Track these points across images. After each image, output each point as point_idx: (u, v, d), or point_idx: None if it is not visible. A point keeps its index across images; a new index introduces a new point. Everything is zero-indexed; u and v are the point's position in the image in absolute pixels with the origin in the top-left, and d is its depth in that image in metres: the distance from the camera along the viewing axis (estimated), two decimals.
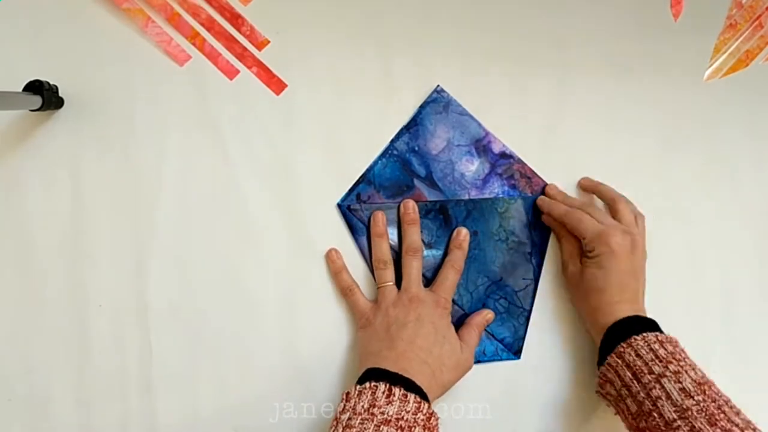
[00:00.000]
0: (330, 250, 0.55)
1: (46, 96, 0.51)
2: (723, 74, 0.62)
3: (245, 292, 0.54)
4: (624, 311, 0.50)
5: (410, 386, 0.44)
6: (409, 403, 0.42)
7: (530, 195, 0.58)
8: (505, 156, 0.58)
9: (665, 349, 0.46)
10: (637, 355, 0.46)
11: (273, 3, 0.57)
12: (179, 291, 0.54)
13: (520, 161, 0.58)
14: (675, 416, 0.43)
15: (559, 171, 0.59)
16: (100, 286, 0.53)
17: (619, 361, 0.47)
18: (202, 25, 0.57)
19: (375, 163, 0.56)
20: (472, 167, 0.57)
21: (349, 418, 0.41)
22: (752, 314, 0.59)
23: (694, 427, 0.41)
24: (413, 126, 0.57)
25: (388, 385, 0.43)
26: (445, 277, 0.53)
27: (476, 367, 0.55)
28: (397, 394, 0.42)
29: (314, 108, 0.57)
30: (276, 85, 0.57)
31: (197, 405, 0.52)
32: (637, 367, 0.46)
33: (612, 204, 0.56)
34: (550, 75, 0.60)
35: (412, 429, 0.41)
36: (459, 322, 0.54)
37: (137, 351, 0.52)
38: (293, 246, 0.55)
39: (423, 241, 0.55)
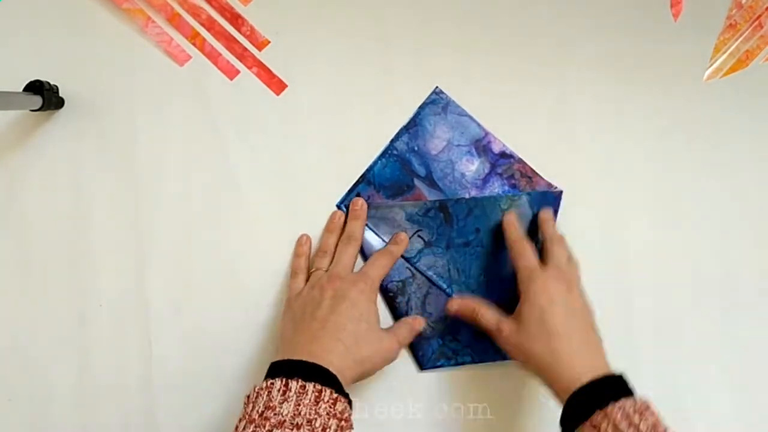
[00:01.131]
0: (302, 234, 0.55)
1: (46, 96, 0.51)
2: (723, 74, 0.62)
3: (245, 292, 0.54)
4: (586, 366, 0.45)
5: (312, 373, 0.42)
6: (307, 395, 0.40)
7: (530, 192, 0.57)
8: (506, 156, 0.58)
9: (646, 423, 0.41)
10: (616, 428, 0.41)
11: (273, 3, 0.58)
12: (179, 291, 0.54)
13: (520, 161, 0.58)
14: None
15: (559, 171, 0.59)
16: (100, 286, 0.53)
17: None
18: (203, 25, 0.57)
19: (375, 163, 0.56)
20: (472, 167, 0.57)
21: (244, 427, 0.39)
22: (752, 314, 0.59)
23: None
24: (413, 126, 0.57)
25: (284, 381, 0.41)
26: (376, 259, 0.52)
27: (476, 367, 0.55)
28: (293, 389, 0.40)
29: (314, 108, 0.57)
30: (276, 85, 0.57)
31: (197, 405, 0.52)
32: None
33: (548, 244, 0.53)
34: (550, 75, 0.60)
35: (312, 422, 0.39)
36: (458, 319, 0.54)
37: (137, 351, 0.52)
38: (293, 246, 0.55)
39: (423, 239, 0.55)
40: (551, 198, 0.58)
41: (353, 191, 0.56)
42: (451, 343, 0.55)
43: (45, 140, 0.54)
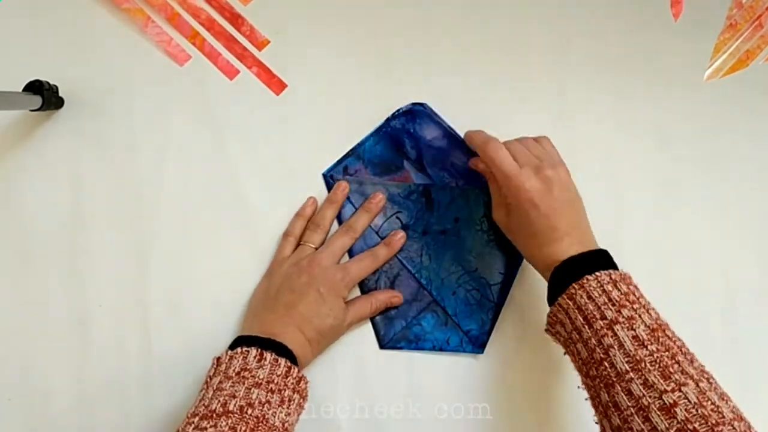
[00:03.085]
0: (310, 197, 0.55)
1: (46, 96, 0.51)
2: (723, 74, 0.62)
3: (245, 292, 0.54)
4: (570, 247, 0.47)
5: (282, 351, 0.45)
6: (279, 366, 0.44)
7: None
8: None
9: (619, 290, 0.43)
10: (589, 297, 0.43)
11: (273, 3, 0.58)
12: (179, 291, 0.54)
13: None
14: (627, 368, 0.40)
15: None
16: (100, 286, 0.53)
17: (570, 303, 0.44)
18: (202, 25, 0.57)
19: (367, 138, 0.56)
20: (464, 158, 0.57)
21: (220, 382, 0.43)
22: (752, 314, 0.59)
23: (648, 380, 0.39)
24: (412, 110, 0.57)
25: (259, 350, 0.44)
26: (361, 259, 0.53)
27: (476, 367, 0.55)
28: (268, 359, 0.43)
29: (314, 108, 0.57)
30: (276, 85, 0.57)
31: None
32: (589, 311, 0.43)
33: (512, 148, 0.51)
34: (550, 74, 0.60)
35: (282, 392, 0.43)
36: (428, 307, 0.55)
37: (137, 351, 0.52)
38: None
39: (400, 221, 0.55)
40: None
41: (341, 163, 0.56)
42: (415, 328, 0.55)
43: (45, 140, 0.54)
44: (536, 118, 0.59)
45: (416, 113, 0.57)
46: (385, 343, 0.54)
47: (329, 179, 0.56)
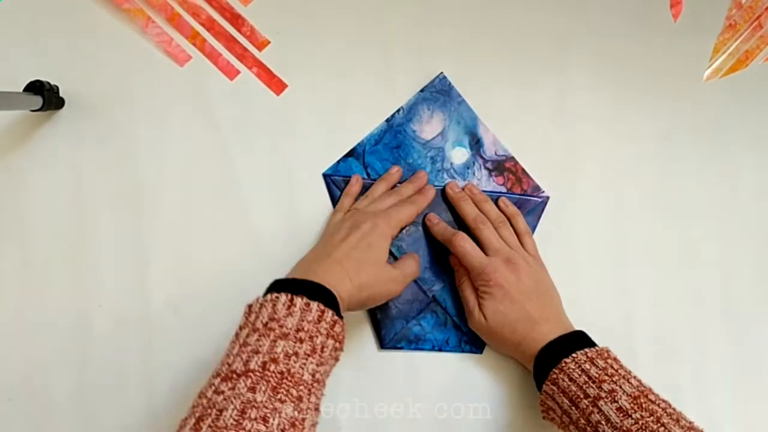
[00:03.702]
0: (355, 175, 0.56)
1: (46, 96, 0.51)
2: (723, 74, 0.62)
3: (245, 292, 0.54)
4: (546, 333, 0.49)
5: (316, 292, 0.43)
6: (311, 312, 0.41)
7: (517, 194, 0.57)
8: (498, 152, 0.58)
9: (597, 367, 0.45)
10: (570, 379, 0.45)
11: (273, 3, 0.58)
12: (179, 291, 0.54)
13: (512, 159, 0.58)
14: None
15: (558, 170, 0.59)
16: (100, 286, 0.53)
17: (555, 389, 0.46)
18: (203, 25, 0.57)
19: (366, 140, 0.56)
20: (462, 158, 0.57)
21: (247, 335, 0.40)
22: (752, 314, 0.59)
23: None
24: (410, 110, 0.57)
25: (289, 296, 0.41)
26: (402, 205, 0.52)
27: (476, 367, 0.55)
28: (298, 305, 0.41)
29: (314, 108, 0.57)
30: (276, 85, 0.57)
31: None
32: (572, 393, 0.45)
33: (474, 229, 0.54)
34: (549, 74, 0.60)
35: (314, 338, 0.40)
36: (428, 307, 0.55)
37: (137, 351, 0.52)
38: (293, 246, 0.55)
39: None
40: (536, 203, 0.58)
41: (340, 163, 0.56)
42: (415, 327, 0.55)
43: (45, 140, 0.54)
44: (536, 118, 0.59)
45: (440, 90, 0.57)
46: (385, 343, 0.54)
47: (329, 179, 0.56)
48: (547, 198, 0.58)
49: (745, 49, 0.62)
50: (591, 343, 0.48)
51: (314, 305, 0.41)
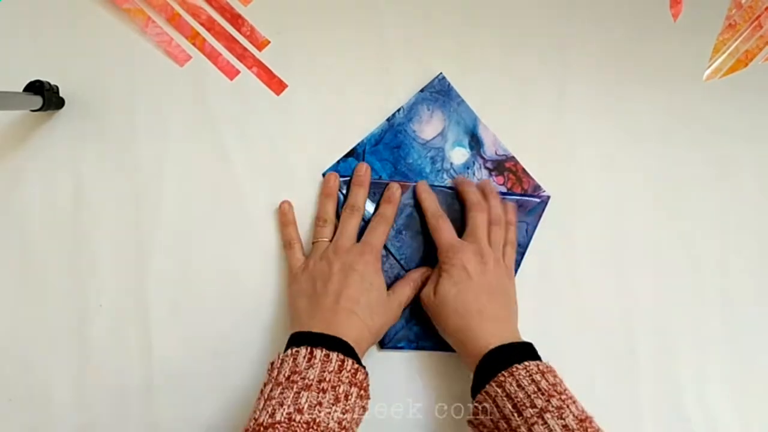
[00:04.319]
0: (282, 203, 0.55)
1: (46, 96, 0.51)
2: (722, 74, 0.62)
3: (245, 292, 0.54)
4: (495, 336, 0.47)
5: (335, 344, 0.44)
6: (331, 362, 0.42)
7: (518, 194, 0.57)
8: (499, 152, 0.58)
9: (547, 381, 0.43)
10: (519, 385, 0.43)
11: (273, 3, 0.58)
12: (179, 291, 0.54)
13: (513, 159, 0.58)
14: None
15: (557, 170, 0.59)
16: (100, 286, 0.53)
17: (499, 391, 0.44)
18: (203, 25, 0.57)
19: (366, 140, 0.56)
20: (462, 158, 0.57)
21: (271, 389, 0.41)
22: (752, 314, 0.59)
23: None
24: (410, 110, 0.57)
25: (309, 349, 0.43)
26: (373, 228, 0.52)
27: None
28: (318, 356, 0.42)
29: (314, 108, 0.57)
30: (276, 85, 0.57)
31: (197, 405, 0.52)
32: (519, 399, 0.43)
33: (468, 212, 0.54)
34: (549, 74, 0.60)
35: (336, 388, 0.41)
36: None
37: (137, 351, 0.52)
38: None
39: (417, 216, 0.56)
40: (536, 203, 0.57)
41: (340, 163, 0.56)
42: (415, 327, 0.55)
43: (45, 140, 0.54)
44: (536, 118, 0.59)
45: (439, 90, 0.57)
46: (385, 342, 0.54)
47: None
48: (548, 198, 0.58)
49: (745, 49, 0.62)
50: (538, 358, 0.47)
51: (334, 356, 0.43)
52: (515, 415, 0.43)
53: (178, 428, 0.52)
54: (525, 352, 0.47)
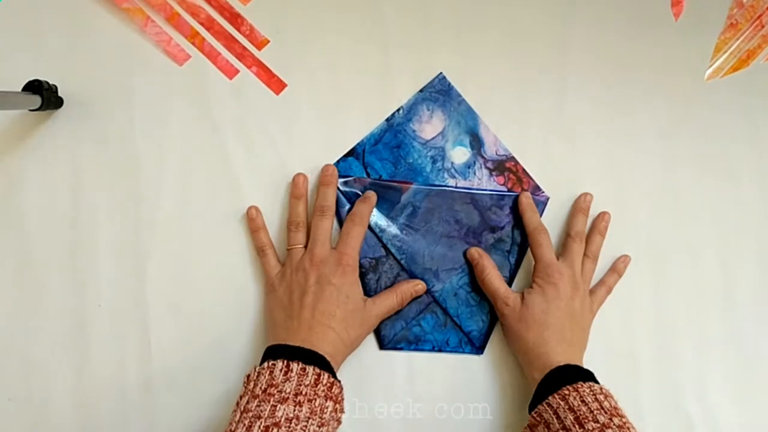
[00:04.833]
0: (249, 208, 0.54)
1: (45, 96, 0.51)
2: (724, 74, 0.62)
3: (245, 292, 0.54)
4: (565, 356, 0.49)
5: (311, 358, 0.44)
6: (307, 376, 0.43)
7: (517, 193, 0.57)
8: (499, 152, 0.58)
9: (609, 403, 0.45)
10: (582, 401, 0.45)
11: (273, 3, 0.57)
12: (179, 290, 0.54)
13: (513, 159, 0.58)
14: None
15: (558, 170, 0.59)
16: (100, 286, 0.53)
17: (562, 403, 0.45)
18: (202, 24, 0.57)
19: (366, 140, 0.56)
20: (463, 157, 0.57)
21: (247, 402, 0.42)
22: (752, 314, 0.59)
23: None
24: (410, 109, 0.57)
25: (285, 362, 0.43)
26: (347, 233, 0.52)
27: (476, 367, 0.55)
28: (295, 370, 0.43)
29: (314, 108, 0.57)
30: (276, 84, 0.57)
31: (197, 405, 0.52)
32: (582, 413, 0.44)
33: (569, 241, 0.55)
34: (549, 74, 0.60)
35: (312, 402, 0.42)
36: (428, 308, 0.55)
37: (137, 351, 0.52)
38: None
39: (411, 228, 0.55)
40: (536, 203, 0.57)
41: (340, 163, 0.56)
42: (415, 328, 0.55)
43: (44, 140, 0.54)
44: (536, 118, 0.59)
45: (438, 89, 0.57)
46: (385, 343, 0.54)
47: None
48: (548, 198, 0.58)
49: (747, 49, 0.62)
50: (598, 383, 0.48)
51: (310, 369, 0.43)
52: (576, 426, 0.44)
53: (177, 428, 0.52)
54: (589, 376, 0.48)
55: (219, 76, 0.57)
